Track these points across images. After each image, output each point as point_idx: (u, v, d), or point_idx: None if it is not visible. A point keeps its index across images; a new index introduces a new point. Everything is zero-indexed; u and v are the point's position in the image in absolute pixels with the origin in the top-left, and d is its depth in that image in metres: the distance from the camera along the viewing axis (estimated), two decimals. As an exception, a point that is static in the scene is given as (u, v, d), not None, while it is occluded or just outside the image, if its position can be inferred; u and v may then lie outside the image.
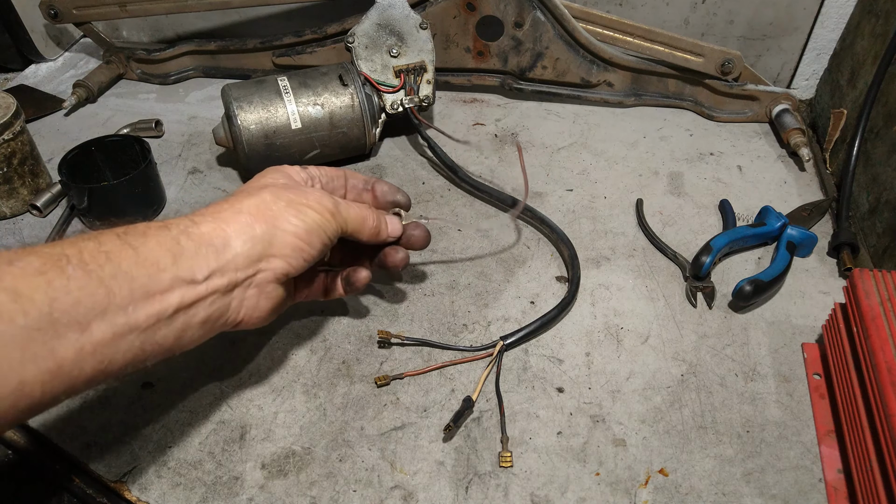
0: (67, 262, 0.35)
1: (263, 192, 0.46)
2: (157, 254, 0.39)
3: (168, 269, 0.39)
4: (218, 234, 0.42)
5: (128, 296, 0.37)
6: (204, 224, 0.42)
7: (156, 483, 0.48)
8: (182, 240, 0.40)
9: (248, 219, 0.43)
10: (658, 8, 0.89)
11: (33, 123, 0.87)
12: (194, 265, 0.40)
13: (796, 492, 0.48)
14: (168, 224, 0.41)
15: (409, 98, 0.77)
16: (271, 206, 0.45)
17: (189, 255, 0.40)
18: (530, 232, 0.70)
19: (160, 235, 0.40)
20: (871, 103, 0.71)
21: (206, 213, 0.44)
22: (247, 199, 0.45)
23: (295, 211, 0.45)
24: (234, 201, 0.45)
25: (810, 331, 0.59)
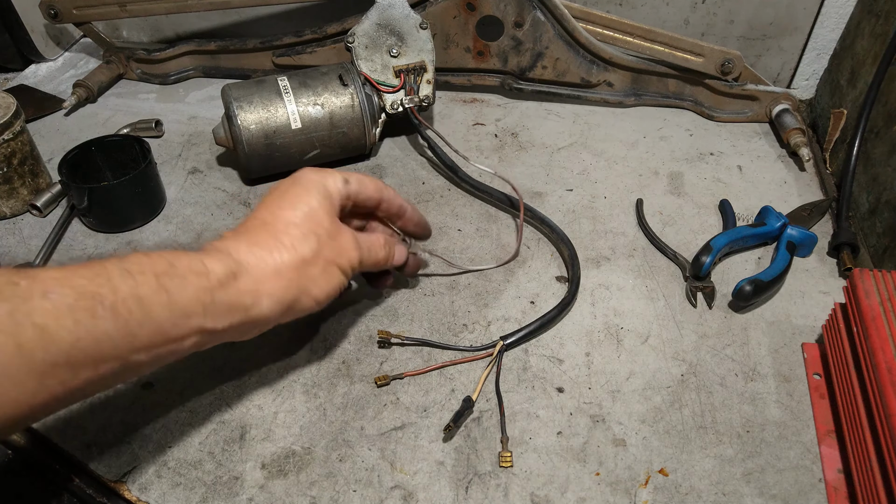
0: (100, 303, 0.35)
1: (308, 239, 0.46)
2: (190, 304, 0.39)
3: (195, 319, 0.40)
4: (252, 294, 0.43)
5: (147, 342, 0.38)
6: (243, 279, 0.43)
7: (156, 483, 0.48)
8: (217, 295, 0.41)
9: (285, 284, 0.45)
10: (658, 8, 0.89)
11: (33, 123, 0.87)
12: (222, 320, 0.42)
13: (796, 492, 0.48)
14: (207, 266, 0.41)
15: (409, 98, 0.77)
16: (309, 269, 0.46)
17: (220, 311, 0.41)
18: (530, 232, 0.70)
19: (199, 283, 0.40)
20: (871, 103, 0.71)
21: (251, 263, 0.44)
22: (289, 250, 0.45)
23: (327, 277, 0.48)
24: (277, 247, 0.45)
25: (810, 331, 0.59)
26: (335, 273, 0.48)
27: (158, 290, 0.38)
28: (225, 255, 0.43)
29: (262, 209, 0.48)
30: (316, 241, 0.47)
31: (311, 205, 0.48)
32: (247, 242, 0.45)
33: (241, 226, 0.47)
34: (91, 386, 0.37)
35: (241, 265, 0.43)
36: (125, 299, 0.36)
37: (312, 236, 0.47)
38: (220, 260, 0.42)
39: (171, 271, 0.39)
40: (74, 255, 0.67)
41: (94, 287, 0.35)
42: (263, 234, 0.45)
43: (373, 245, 0.52)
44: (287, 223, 0.46)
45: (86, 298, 0.34)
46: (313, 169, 0.50)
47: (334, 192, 0.50)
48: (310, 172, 0.50)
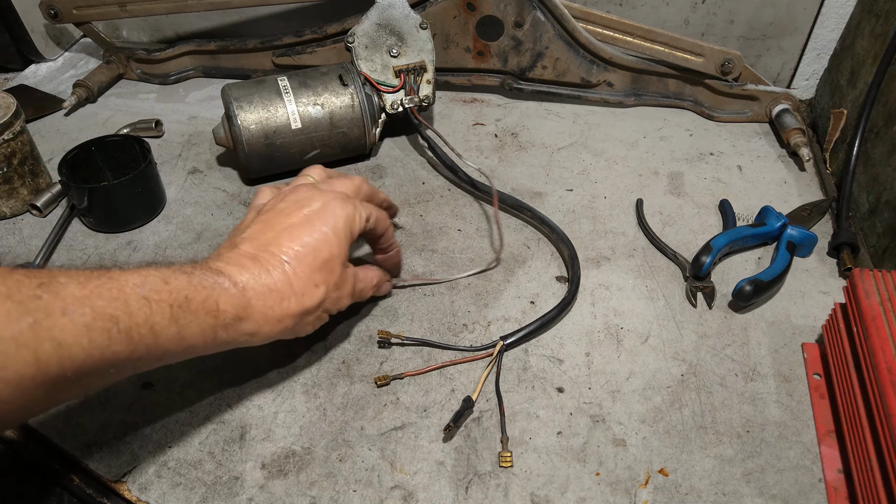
0: (115, 325, 0.36)
1: (318, 291, 0.47)
2: (195, 339, 0.41)
3: (195, 350, 0.42)
4: (250, 335, 0.45)
5: (149, 363, 0.40)
6: (248, 322, 0.44)
7: (156, 483, 0.48)
8: (220, 333, 0.43)
9: (282, 328, 0.46)
10: (658, 8, 0.89)
11: (33, 123, 0.87)
12: (215, 350, 0.44)
13: (796, 492, 0.48)
14: (220, 306, 0.42)
15: (409, 98, 0.77)
16: (308, 317, 0.48)
17: (218, 345, 0.44)
18: (530, 232, 0.70)
19: (207, 322, 0.42)
20: (871, 103, 0.71)
21: (259, 309, 0.44)
22: (297, 299, 0.46)
23: (319, 322, 0.50)
24: (288, 295, 0.46)
25: (810, 331, 0.59)
26: (325, 318, 0.51)
27: (171, 322, 0.39)
28: (239, 296, 0.43)
29: (284, 235, 0.47)
30: (324, 293, 0.48)
31: (333, 252, 0.48)
32: (265, 283, 0.45)
33: (259, 243, 0.47)
34: (89, 391, 0.39)
35: (250, 310, 0.44)
36: (139, 325, 0.37)
37: (323, 287, 0.48)
38: (232, 302, 0.43)
39: (186, 305, 0.40)
40: (74, 256, 0.67)
41: (112, 310, 0.36)
42: (279, 276, 0.46)
43: (366, 288, 0.54)
44: (305, 269, 0.47)
45: (103, 320, 0.36)
46: (342, 199, 0.50)
47: (356, 233, 0.51)
48: (342, 207, 0.49)
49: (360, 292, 0.53)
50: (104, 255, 0.67)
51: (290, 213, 0.49)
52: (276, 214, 0.49)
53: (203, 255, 0.67)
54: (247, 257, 0.46)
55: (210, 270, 0.43)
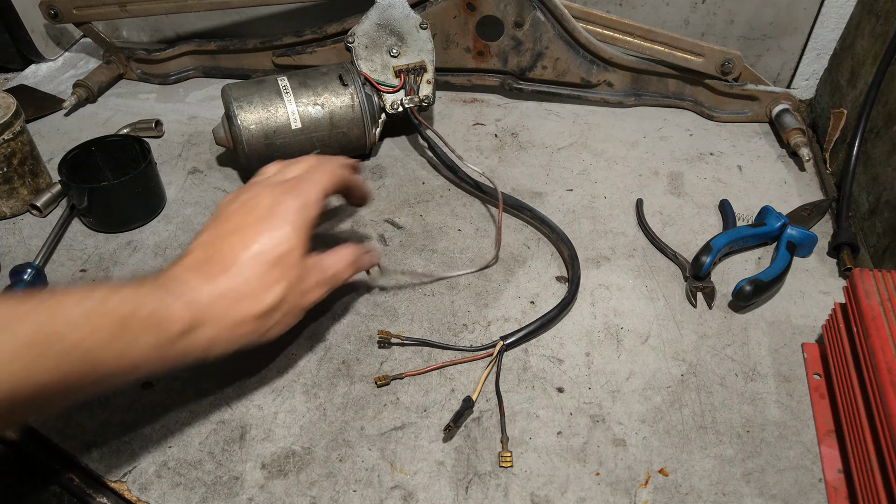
0: (45, 350, 0.34)
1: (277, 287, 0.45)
2: (141, 359, 0.39)
3: (144, 368, 0.40)
4: (208, 344, 0.43)
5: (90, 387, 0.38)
6: (204, 329, 0.42)
7: (156, 483, 0.48)
8: (173, 347, 0.41)
9: (244, 333, 0.44)
10: (658, 8, 0.89)
11: (33, 123, 0.87)
12: (170, 365, 0.42)
13: (796, 492, 0.48)
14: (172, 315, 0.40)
15: (409, 98, 0.77)
16: (272, 316, 0.45)
17: (171, 360, 0.41)
18: (530, 232, 0.70)
19: (158, 336, 0.40)
20: (871, 103, 0.71)
21: (215, 312, 0.42)
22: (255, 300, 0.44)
23: (287, 320, 0.47)
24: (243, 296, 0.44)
25: (810, 331, 0.59)
26: (296, 314, 0.48)
27: (110, 342, 0.37)
28: (186, 307, 0.41)
29: (236, 237, 0.45)
30: (284, 289, 0.45)
31: (288, 245, 0.46)
32: (216, 287, 0.43)
33: (210, 249, 0.45)
34: (25, 419, 0.37)
35: (205, 315, 0.42)
36: (72, 348, 0.35)
37: (282, 283, 0.45)
38: (181, 313, 0.41)
39: (127, 322, 0.38)
40: (74, 256, 0.67)
41: (49, 328, 0.34)
42: (233, 278, 0.44)
43: (339, 271, 0.51)
44: (258, 268, 0.44)
45: (32, 345, 0.34)
46: (293, 190, 0.48)
47: (314, 217, 0.48)
48: (290, 198, 0.47)
49: (332, 278, 0.50)
50: (104, 255, 0.67)
51: (240, 213, 0.47)
52: (226, 217, 0.47)
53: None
54: (197, 263, 0.44)
55: (157, 283, 0.42)
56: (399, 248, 0.68)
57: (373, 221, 0.71)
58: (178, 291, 0.41)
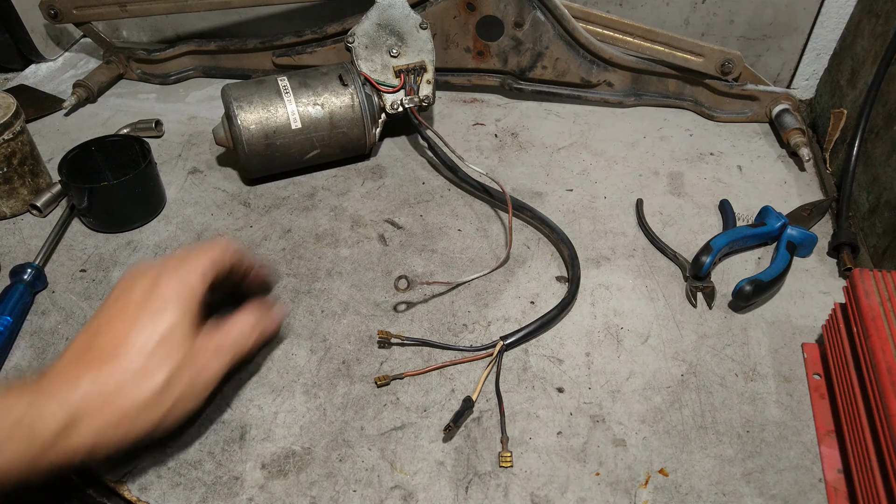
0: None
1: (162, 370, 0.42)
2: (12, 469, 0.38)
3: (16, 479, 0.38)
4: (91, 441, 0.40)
5: None
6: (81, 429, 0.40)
7: (156, 483, 0.48)
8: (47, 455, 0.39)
9: (134, 424, 0.42)
10: (658, 8, 0.89)
11: (33, 123, 0.87)
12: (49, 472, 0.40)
13: (796, 492, 0.48)
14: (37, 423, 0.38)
15: (409, 98, 0.77)
16: (163, 401, 0.43)
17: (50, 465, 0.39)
18: (530, 232, 0.70)
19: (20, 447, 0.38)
20: (871, 103, 0.71)
21: (93, 405, 0.40)
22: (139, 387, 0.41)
23: (186, 401, 0.44)
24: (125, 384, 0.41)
25: (810, 331, 0.59)
26: (195, 395, 0.45)
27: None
28: (68, 397, 0.39)
29: (115, 322, 0.43)
30: (169, 370, 0.42)
31: (168, 325, 0.43)
32: (95, 378, 0.41)
33: (90, 339, 0.43)
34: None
35: (82, 410, 0.39)
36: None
37: (166, 365, 0.43)
38: (61, 405, 0.39)
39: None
40: (74, 256, 0.67)
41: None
42: (113, 367, 0.41)
43: (238, 341, 0.48)
44: (138, 349, 0.42)
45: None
46: (172, 267, 0.46)
47: (198, 295, 0.46)
48: (167, 276, 0.45)
49: (231, 348, 0.47)
50: (104, 255, 0.67)
51: (121, 300, 0.45)
52: (108, 305, 0.45)
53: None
54: (78, 354, 0.42)
55: (34, 384, 0.40)
56: (399, 248, 0.68)
57: (373, 221, 0.71)
58: (54, 389, 0.39)
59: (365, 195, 0.75)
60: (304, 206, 0.73)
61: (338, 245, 0.68)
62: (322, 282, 0.64)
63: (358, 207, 0.73)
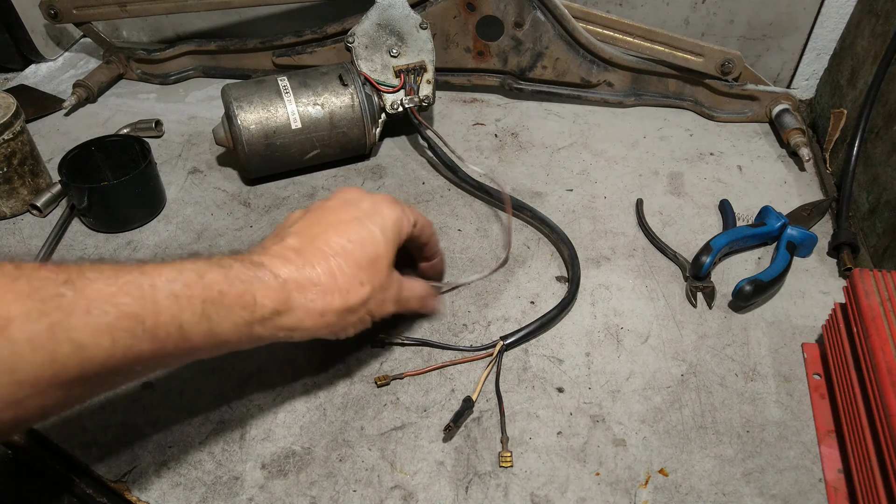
0: (141, 324, 0.35)
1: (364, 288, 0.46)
2: (228, 335, 0.40)
3: (228, 346, 0.41)
4: (289, 330, 0.44)
5: (176, 360, 0.39)
6: (287, 317, 0.43)
7: (156, 483, 0.48)
8: (257, 329, 0.41)
9: (322, 325, 0.45)
10: (658, 8, 0.89)
11: (33, 123, 0.87)
12: (252, 345, 0.43)
13: (796, 492, 0.48)
14: (258, 300, 0.41)
15: (409, 98, 0.77)
16: (350, 316, 0.46)
17: (254, 340, 0.42)
18: (530, 232, 0.70)
19: (243, 317, 0.40)
20: (871, 103, 0.71)
21: (300, 303, 0.43)
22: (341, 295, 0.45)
23: (361, 324, 0.48)
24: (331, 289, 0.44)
25: (810, 331, 0.59)
26: (368, 321, 0.48)
27: (202, 319, 0.38)
28: (279, 290, 0.42)
29: (332, 231, 0.46)
30: (369, 292, 0.46)
31: (380, 251, 0.47)
32: (305, 278, 0.44)
33: (304, 239, 0.46)
34: (114, 388, 0.38)
35: (291, 304, 0.43)
36: (166, 323, 0.36)
37: (368, 286, 0.46)
38: (271, 295, 0.41)
39: (220, 300, 0.39)
40: (74, 256, 0.67)
41: (138, 308, 0.35)
42: (323, 270, 0.44)
43: (411, 298, 0.52)
44: (351, 265, 0.45)
45: (127, 319, 0.35)
46: (391, 201, 0.50)
47: (403, 236, 0.50)
48: (390, 208, 0.49)
49: (405, 301, 0.51)
50: (104, 255, 0.67)
51: (339, 210, 0.48)
52: (324, 212, 0.48)
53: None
54: (291, 250, 0.45)
55: (250, 263, 0.42)
56: (399, 248, 0.68)
57: (373, 221, 0.71)
58: (269, 276, 0.42)
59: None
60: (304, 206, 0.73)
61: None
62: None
63: (358, 207, 0.73)
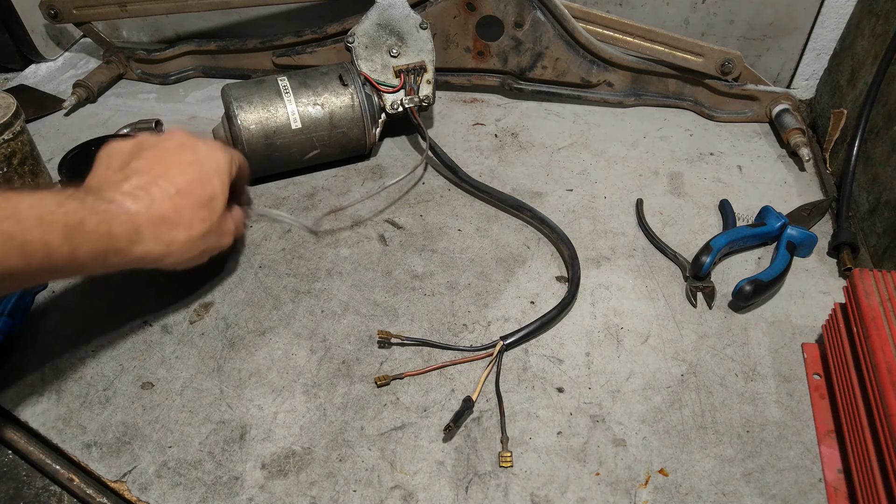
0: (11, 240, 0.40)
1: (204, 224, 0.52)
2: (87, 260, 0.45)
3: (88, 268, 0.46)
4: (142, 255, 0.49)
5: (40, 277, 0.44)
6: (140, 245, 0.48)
7: (156, 483, 0.48)
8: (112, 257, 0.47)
9: (175, 250, 0.50)
10: (658, 8, 0.89)
11: (33, 123, 0.87)
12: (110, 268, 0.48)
13: (796, 492, 0.48)
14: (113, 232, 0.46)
15: (409, 98, 0.77)
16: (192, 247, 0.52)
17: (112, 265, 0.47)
18: (530, 232, 0.70)
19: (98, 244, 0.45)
20: (871, 103, 0.71)
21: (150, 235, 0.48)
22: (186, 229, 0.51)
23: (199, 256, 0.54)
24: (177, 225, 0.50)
25: (810, 331, 0.59)
26: (206, 254, 0.54)
27: (63, 241, 0.42)
28: (130, 223, 0.47)
29: (174, 171, 0.51)
30: (209, 226, 0.52)
31: (217, 191, 0.53)
32: (153, 213, 0.48)
33: (150, 177, 0.49)
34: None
35: (143, 234, 0.48)
36: (33, 241, 0.41)
37: (208, 222, 0.52)
38: (124, 228, 0.46)
39: (80, 228, 0.43)
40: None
41: (7, 227, 0.40)
42: (169, 207, 0.49)
43: (238, 226, 0.58)
44: (194, 203, 0.51)
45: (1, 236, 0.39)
46: (221, 146, 0.55)
47: (233, 175, 0.56)
48: (223, 152, 0.55)
49: (236, 230, 0.58)
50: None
51: (177, 152, 0.53)
52: (164, 152, 0.52)
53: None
54: (140, 188, 0.49)
55: (103, 198, 0.47)
56: (399, 248, 0.68)
57: (373, 221, 0.71)
58: (122, 209, 0.47)
59: (365, 195, 0.75)
60: (304, 206, 0.73)
61: (338, 245, 0.68)
62: (322, 282, 0.64)
63: (358, 207, 0.73)
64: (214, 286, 0.64)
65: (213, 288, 0.63)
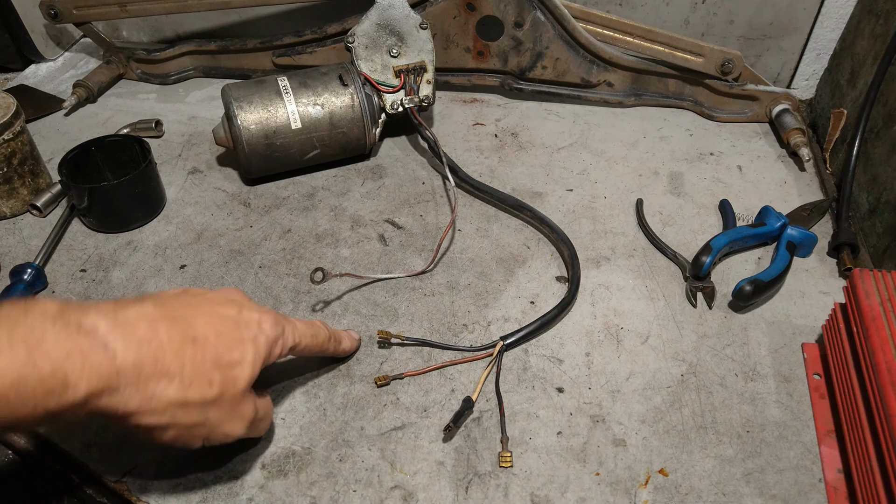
0: None
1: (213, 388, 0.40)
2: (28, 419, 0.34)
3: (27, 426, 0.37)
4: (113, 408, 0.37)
5: None
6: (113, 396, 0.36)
7: (156, 483, 0.48)
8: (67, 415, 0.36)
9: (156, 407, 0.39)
10: (658, 8, 0.89)
11: (33, 123, 0.87)
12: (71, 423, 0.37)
13: (796, 492, 0.48)
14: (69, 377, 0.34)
15: (409, 98, 0.77)
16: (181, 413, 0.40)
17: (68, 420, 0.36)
18: (530, 232, 0.70)
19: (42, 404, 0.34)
20: (871, 103, 0.71)
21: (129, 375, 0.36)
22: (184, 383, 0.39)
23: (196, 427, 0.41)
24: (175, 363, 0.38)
25: (810, 331, 0.59)
26: (201, 435, 0.42)
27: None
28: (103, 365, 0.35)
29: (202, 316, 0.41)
30: (215, 395, 0.40)
31: (246, 359, 0.42)
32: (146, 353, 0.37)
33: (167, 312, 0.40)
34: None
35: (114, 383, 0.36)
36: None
37: (217, 389, 0.40)
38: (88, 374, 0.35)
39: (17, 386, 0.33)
40: (74, 256, 0.67)
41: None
42: (172, 351, 0.38)
43: (263, 419, 0.46)
44: (207, 359, 0.40)
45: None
46: (276, 322, 0.45)
47: (273, 359, 0.45)
48: (272, 326, 0.44)
49: (255, 425, 0.45)
50: (104, 255, 0.67)
51: (219, 303, 0.43)
52: (202, 298, 0.43)
53: (203, 255, 0.67)
54: (144, 318, 0.38)
55: (77, 329, 0.35)
56: (399, 248, 0.68)
57: (373, 221, 0.71)
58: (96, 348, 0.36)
59: (365, 195, 0.75)
60: (304, 206, 0.73)
61: (338, 245, 0.68)
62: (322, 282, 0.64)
63: (358, 207, 0.73)
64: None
65: (213, 288, 0.63)
